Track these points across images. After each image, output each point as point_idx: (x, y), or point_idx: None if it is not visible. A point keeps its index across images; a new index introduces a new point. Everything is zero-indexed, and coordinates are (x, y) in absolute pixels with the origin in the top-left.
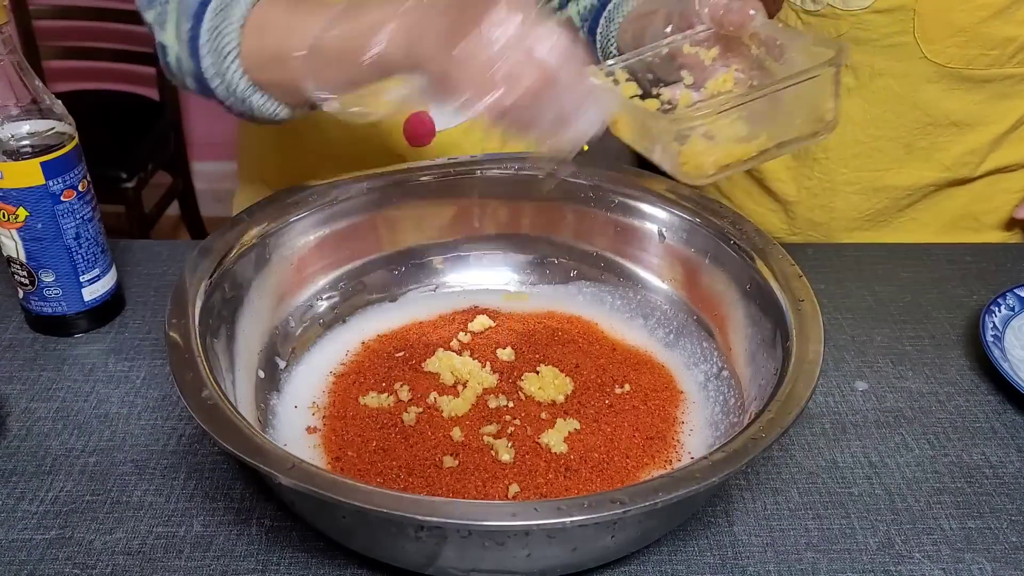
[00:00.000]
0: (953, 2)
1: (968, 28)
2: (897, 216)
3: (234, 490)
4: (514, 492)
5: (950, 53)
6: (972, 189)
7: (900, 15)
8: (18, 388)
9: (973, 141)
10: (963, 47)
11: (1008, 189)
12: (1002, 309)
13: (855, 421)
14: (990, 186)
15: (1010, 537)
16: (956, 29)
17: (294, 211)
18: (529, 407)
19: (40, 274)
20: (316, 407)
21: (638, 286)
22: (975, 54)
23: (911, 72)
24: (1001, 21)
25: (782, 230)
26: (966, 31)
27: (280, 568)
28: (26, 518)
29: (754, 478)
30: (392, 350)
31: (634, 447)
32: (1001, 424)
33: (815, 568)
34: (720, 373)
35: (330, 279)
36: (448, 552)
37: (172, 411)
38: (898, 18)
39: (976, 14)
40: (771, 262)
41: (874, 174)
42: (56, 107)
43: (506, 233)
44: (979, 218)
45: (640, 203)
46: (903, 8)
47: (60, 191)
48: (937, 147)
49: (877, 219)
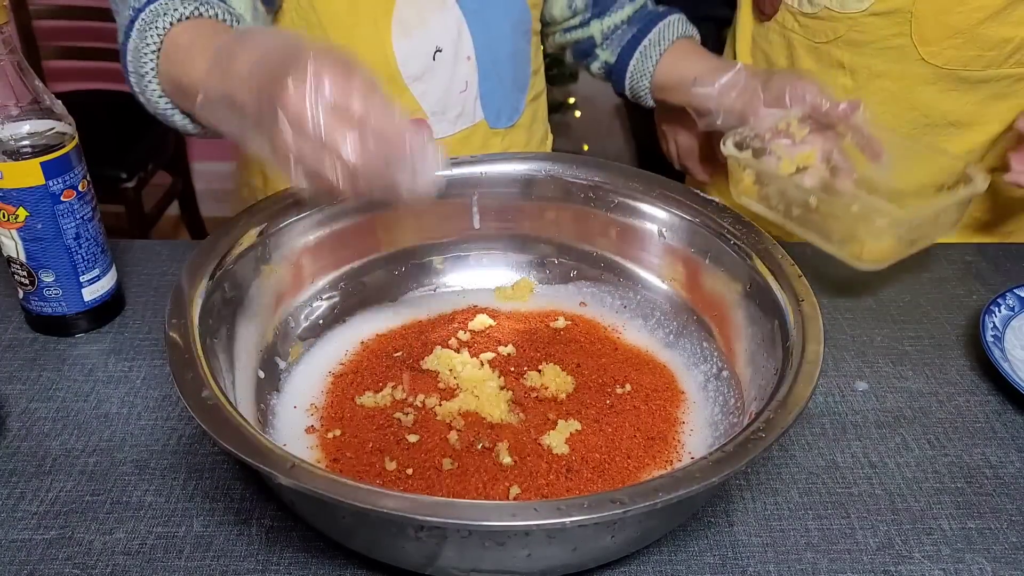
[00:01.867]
0: (949, 4)
1: (965, 30)
2: None
3: (234, 490)
4: (515, 494)
5: (947, 55)
6: None
7: (897, 18)
8: (18, 388)
9: (971, 141)
10: (960, 49)
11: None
12: (1002, 309)
13: (855, 421)
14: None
15: (1010, 537)
16: (953, 31)
17: (294, 211)
18: (530, 407)
19: (40, 274)
20: (315, 408)
21: (638, 286)
22: (972, 55)
23: (908, 74)
24: (997, 23)
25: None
26: (963, 33)
27: (280, 568)
28: (26, 518)
29: (754, 478)
30: (391, 350)
31: (635, 448)
32: (1001, 424)
33: (815, 568)
34: (720, 373)
35: (330, 279)
36: (448, 552)
37: (172, 411)
38: (895, 21)
39: (973, 16)
40: (771, 262)
41: None
42: (56, 107)
43: (506, 233)
44: (977, 217)
45: (640, 203)
46: (900, 11)
47: (60, 191)
48: (933, 149)
49: None
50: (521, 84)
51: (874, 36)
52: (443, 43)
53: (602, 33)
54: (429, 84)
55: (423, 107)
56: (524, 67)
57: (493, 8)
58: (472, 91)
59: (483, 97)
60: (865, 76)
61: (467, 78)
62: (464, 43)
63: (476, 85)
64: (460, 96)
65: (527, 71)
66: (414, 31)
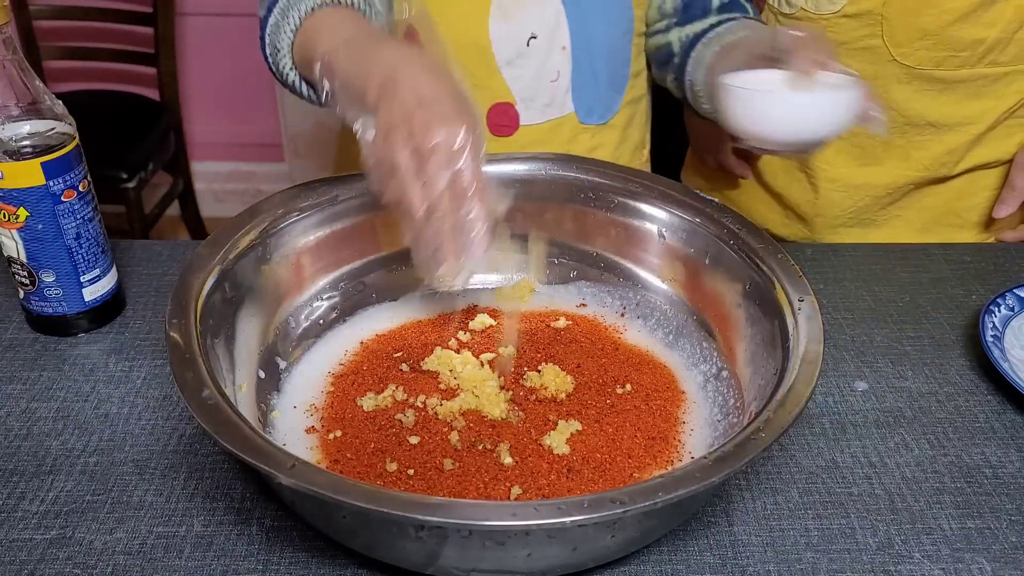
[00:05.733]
0: (919, 6)
1: (935, 32)
2: (881, 214)
3: (234, 490)
4: (516, 494)
5: (919, 56)
6: (952, 186)
7: (868, 19)
8: (18, 388)
9: (951, 141)
10: (931, 50)
11: (988, 186)
12: (1002, 309)
13: (855, 421)
14: (971, 183)
15: (1010, 537)
16: (923, 32)
17: (294, 211)
18: (530, 407)
19: (41, 274)
20: (315, 408)
21: (638, 286)
22: (943, 56)
23: (883, 74)
24: (968, 24)
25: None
26: (933, 34)
27: (280, 568)
28: (26, 518)
29: (754, 478)
30: (391, 350)
31: (636, 448)
32: (1001, 424)
33: (815, 568)
34: (720, 373)
35: (330, 279)
36: (448, 552)
37: (172, 411)
38: (866, 22)
39: (942, 18)
40: (771, 262)
41: (854, 171)
42: (56, 107)
43: (506, 233)
44: (961, 214)
45: (640, 203)
46: (871, 13)
47: (60, 191)
48: (915, 146)
49: (860, 216)
50: (618, 84)
51: (847, 37)
52: (539, 30)
53: (680, 42)
54: (521, 70)
55: (512, 92)
56: (622, 67)
57: (594, 1)
58: (564, 82)
59: (575, 90)
60: None
61: (559, 68)
62: (561, 33)
63: (569, 77)
64: (551, 85)
65: (626, 72)
66: (513, 15)
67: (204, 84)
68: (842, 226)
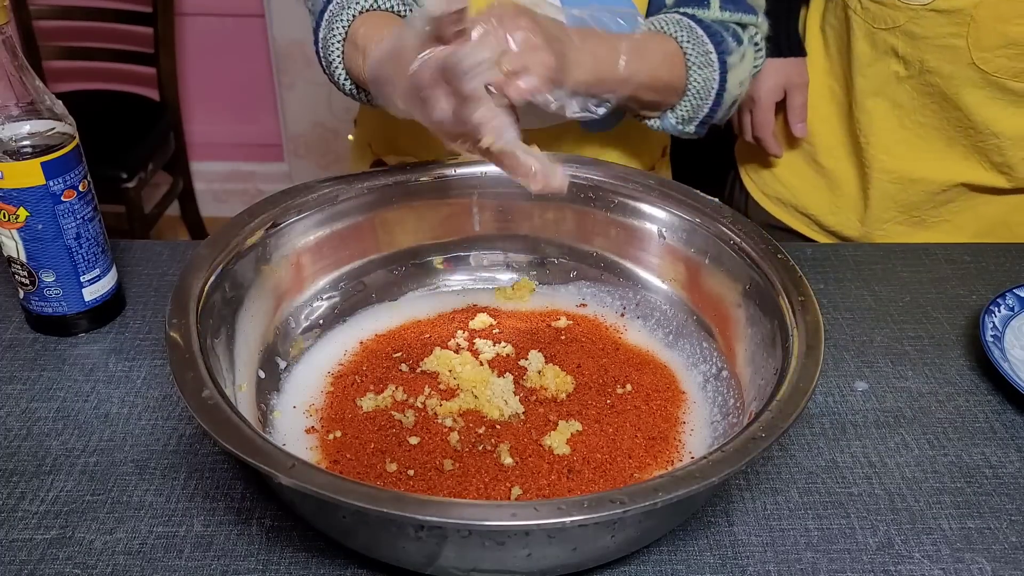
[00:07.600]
0: (1010, 14)
1: (1021, 42)
2: (932, 214)
3: (234, 490)
4: (516, 494)
5: (999, 63)
6: (1009, 200)
7: (956, 18)
8: (18, 388)
9: (1013, 156)
10: (1012, 59)
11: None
12: (1002, 309)
13: (855, 421)
14: None
15: (1010, 537)
16: (1009, 40)
17: (294, 211)
18: (530, 407)
19: (41, 274)
20: (314, 408)
21: (638, 286)
22: (1022, 68)
23: (958, 75)
24: None
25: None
26: (1019, 44)
27: (280, 568)
28: (26, 518)
29: (754, 478)
30: (391, 350)
31: (636, 448)
32: (1001, 424)
33: (815, 568)
34: (720, 373)
35: (330, 279)
36: (448, 552)
37: (172, 411)
38: (954, 20)
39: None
40: (771, 262)
41: (912, 163)
42: (56, 107)
43: (506, 233)
44: (1013, 228)
45: (640, 203)
46: (961, 12)
47: (60, 191)
48: (977, 149)
49: (912, 213)
50: None
51: (931, 32)
52: None
53: None
54: None
55: None
56: None
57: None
58: None
59: None
60: (917, 68)
61: None
62: None
63: None
64: None
65: None
66: None
67: (204, 84)
68: (891, 222)
